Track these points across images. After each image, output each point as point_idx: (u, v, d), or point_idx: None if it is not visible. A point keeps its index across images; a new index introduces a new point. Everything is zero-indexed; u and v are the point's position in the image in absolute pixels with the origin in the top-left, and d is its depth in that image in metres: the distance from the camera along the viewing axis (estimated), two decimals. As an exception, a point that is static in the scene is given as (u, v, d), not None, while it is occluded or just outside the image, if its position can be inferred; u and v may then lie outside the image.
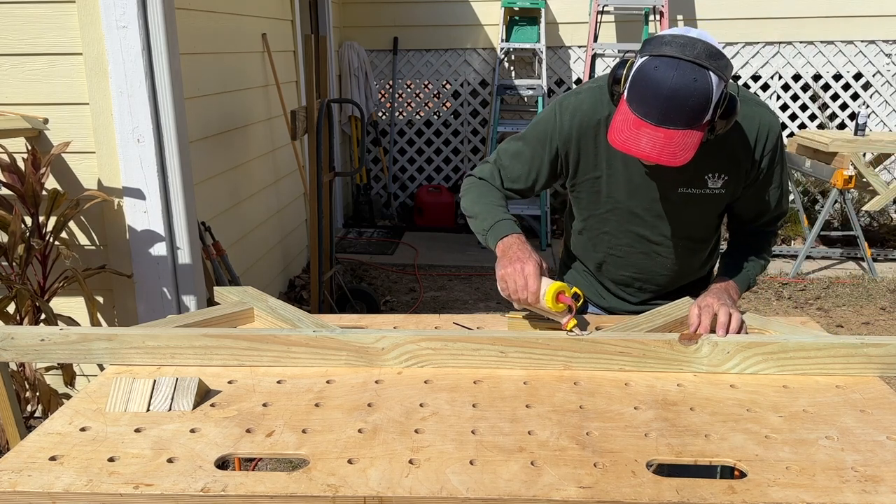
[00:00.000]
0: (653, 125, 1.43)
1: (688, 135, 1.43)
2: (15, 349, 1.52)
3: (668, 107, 1.41)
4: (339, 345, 1.53)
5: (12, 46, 2.74)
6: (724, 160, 1.66)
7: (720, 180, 1.67)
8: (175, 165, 2.81)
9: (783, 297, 4.92)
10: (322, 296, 4.12)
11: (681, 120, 1.42)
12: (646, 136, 1.43)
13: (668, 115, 1.42)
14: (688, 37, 1.44)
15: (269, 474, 1.15)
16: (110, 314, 2.98)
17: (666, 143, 1.42)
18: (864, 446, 1.23)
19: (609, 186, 1.73)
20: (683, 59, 1.41)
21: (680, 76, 1.40)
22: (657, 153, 1.43)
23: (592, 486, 1.12)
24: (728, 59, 1.46)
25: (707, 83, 1.41)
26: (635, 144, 1.44)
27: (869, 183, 5.12)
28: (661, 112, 1.42)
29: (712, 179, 1.67)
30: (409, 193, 6.96)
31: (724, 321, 1.54)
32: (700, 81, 1.40)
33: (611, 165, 1.71)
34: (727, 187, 1.69)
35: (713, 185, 1.68)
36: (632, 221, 1.77)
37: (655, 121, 1.42)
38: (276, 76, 4.44)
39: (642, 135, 1.43)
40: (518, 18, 6.24)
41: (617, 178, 1.72)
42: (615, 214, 1.77)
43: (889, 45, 6.22)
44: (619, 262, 1.85)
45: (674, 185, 1.69)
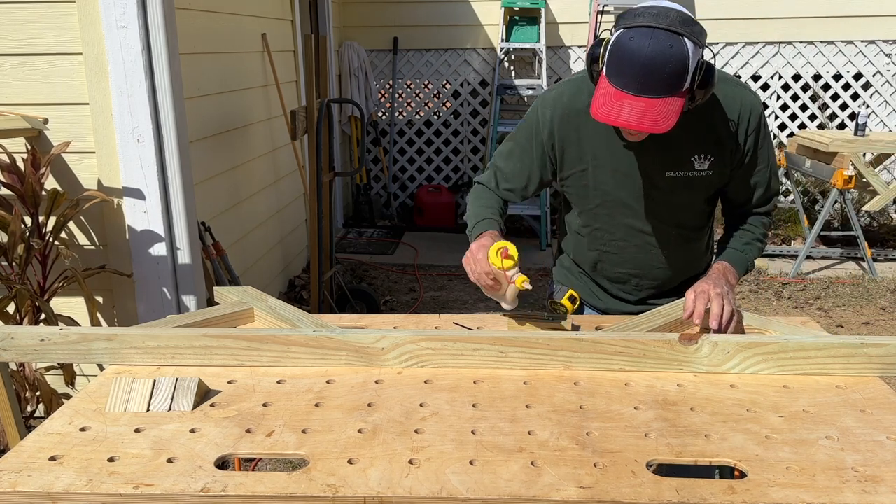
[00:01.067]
0: (633, 95, 1.44)
1: (668, 102, 1.44)
2: (15, 349, 1.52)
3: (646, 75, 1.42)
4: (339, 345, 1.53)
5: (12, 46, 2.74)
6: (708, 141, 1.66)
7: (707, 161, 1.68)
8: (175, 165, 2.81)
9: (783, 297, 4.92)
10: (322, 296, 4.12)
11: (660, 87, 1.43)
12: (627, 107, 1.44)
13: (647, 84, 1.43)
14: (660, 6, 1.46)
15: (269, 474, 1.15)
16: (110, 314, 2.98)
17: (648, 112, 1.43)
18: (864, 446, 1.23)
19: (596, 177, 1.73)
20: (658, 28, 1.42)
21: (655, 44, 1.41)
22: (640, 121, 1.44)
23: (592, 486, 1.12)
24: (702, 25, 1.47)
25: (683, 49, 1.42)
26: (618, 115, 1.45)
27: (869, 183, 5.12)
28: (640, 81, 1.43)
29: (699, 161, 1.68)
30: (409, 193, 6.96)
31: (717, 312, 1.54)
32: (675, 48, 1.42)
33: (596, 156, 1.71)
34: (714, 169, 1.69)
35: (700, 167, 1.68)
36: (623, 213, 1.76)
37: (635, 91, 1.44)
38: (276, 76, 4.44)
39: (624, 105, 1.44)
40: (518, 18, 6.24)
41: (603, 168, 1.72)
42: (605, 207, 1.77)
43: (889, 45, 6.22)
44: (615, 259, 1.84)
45: (661, 170, 1.69)
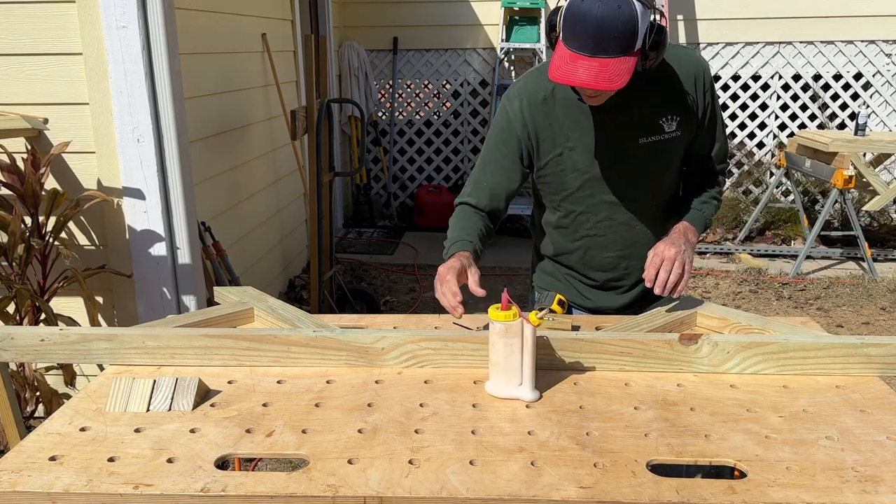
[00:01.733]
0: (587, 56, 1.50)
1: (621, 62, 1.50)
2: (15, 349, 1.52)
3: (597, 35, 1.48)
4: (339, 345, 1.53)
5: (12, 46, 2.74)
6: (672, 102, 1.73)
7: (674, 122, 1.74)
8: (175, 165, 2.81)
9: (783, 297, 4.92)
10: (322, 296, 4.12)
11: (611, 47, 1.49)
12: (582, 67, 1.50)
13: (599, 44, 1.49)
14: None
15: (268, 474, 1.15)
16: (110, 314, 2.98)
17: (601, 71, 1.49)
18: (864, 446, 1.23)
19: (572, 158, 1.76)
20: None
21: (604, 6, 1.47)
22: (594, 80, 1.49)
23: (592, 486, 1.12)
24: None
25: (631, 10, 1.49)
26: (573, 75, 1.51)
27: (869, 183, 5.12)
28: (592, 42, 1.49)
29: (667, 123, 1.73)
30: (409, 193, 6.96)
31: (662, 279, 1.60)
32: (623, 8, 1.48)
33: (569, 137, 1.75)
34: (681, 129, 1.75)
35: (669, 129, 1.74)
36: (603, 189, 1.79)
37: (589, 52, 1.49)
38: (276, 76, 4.44)
39: (578, 66, 1.50)
40: (518, 18, 6.24)
41: (577, 148, 1.75)
42: (585, 189, 1.79)
43: (889, 45, 6.22)
44: (601, 243, 1.85)
45: (634, 138, 1.74)
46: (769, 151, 6.56)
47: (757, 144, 6.57)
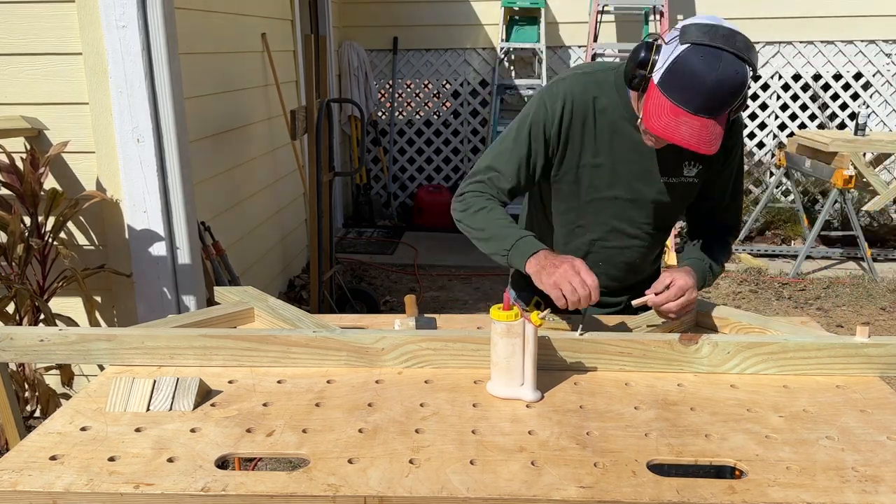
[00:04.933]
0: (691, 114, 1.45)
1: (719, 123, 1.47)
2: (14, 350, 1.52)
3: (711, 97, 1.44)
4: (339, 345, 1.53)
5: (12, 46, 2.74)
6: None
7: (695, 168, 1.71)
8: (175, 165, 2.81)
9: (783, 297, 4.92)
10: (322, 296, 4.12)
11: (718, 110, 1.46)
12: (685, 125, 1.46)
13: (709, 106, 1.45)
14: (727, 28, 1.48)
15: (269, 474, 1.15)
16: (110, 314, 2.98)
17: (702, 132, 1.45)
18: (864, 446, 1.23)
19: (593, 175, 1.72)
20: (727, 51, 1.44)
21: (724, 68, 1.43)
22: (696, 141, 1.46)
23: (593, 485, 1.12)
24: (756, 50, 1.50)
25: (745, 76, 1.46)
26: (676, 132, 1.46)
27: (869, 183, 5.12)
28: (703, 102, 1.45)
29: (688, 168, 1.70)
30: (408, 193, 6.96)
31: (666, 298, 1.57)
32: (741, 74, 1.45)
33: (597, 154, 1.70)
34: (700, 177, 1.72)
35: (688, 173, 1.71)
36: (610, 212, 1.75)
37: (694, 109, 1.45)
38: (276, 76, 4.44)
39: (681, 123, 1.46)
40: (518, 18, 6.24)
41: (602, 168, 1.71)
42: (594, 205, 1.75)
43: (889, 45, 6.22)
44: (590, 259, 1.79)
45: (656, 174, 1.70)
46: (769, 151, 6.56)
47: (757, 144, 6.58)
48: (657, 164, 1.68)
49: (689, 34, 1.48)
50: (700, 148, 1.46)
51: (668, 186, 1.71)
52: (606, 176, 1.71)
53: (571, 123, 1.68)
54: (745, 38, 1.47)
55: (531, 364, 1.38)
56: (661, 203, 1.74)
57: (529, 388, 1.39)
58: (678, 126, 1.46)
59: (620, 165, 1.70)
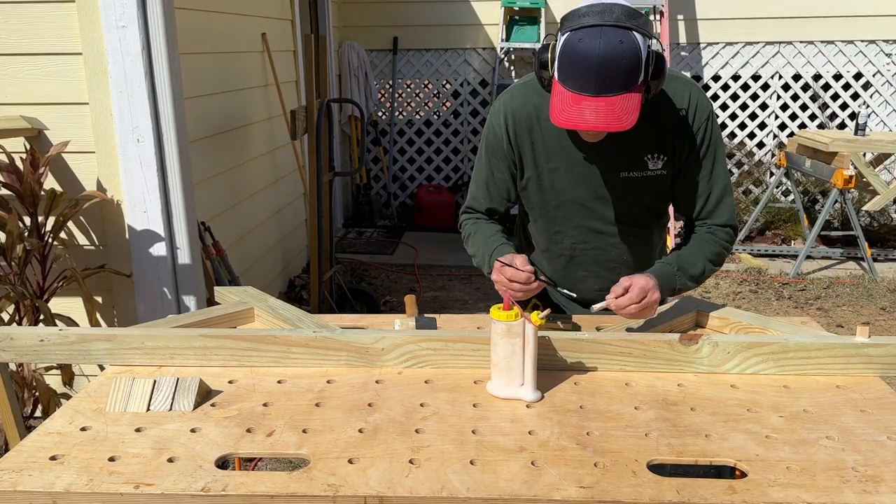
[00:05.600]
0: (592, 96, 1.43)
1: (627, 98, 1.44)
2: (14, 350, 1.52)
3: (601, 75, 1.42)
4: (339, 345, 1.53)
5: (12, 46, 2.74)
6: (661, 140, 1.65)
7: (660, 161, 1.67)
8: (175, 165, 2.81)
9: (783, 297, 4.92)
10: (322, 296, 4.12)
11: (617, 84, 1.43)
12: (587, 109, 1.43)
13: (604, 83, 1.42)
14: (603, 3, 1.45)
15: (269, 474, 1.15)
16: (110, 314, 2.98)
17: (609, 111, 1.42)
18: (864, 446, 1.23)
19: (553, 179, 1.72)
20: (606, 25, 1.42)
21: (606, 42, 1.41)
22: (603, 121, 1.43)
23: (593, 485, 1.12)
24: (647, 16, 1.46)
25: (634, 43, 1.42)
26: (580, 118, 1.44)
27: (869, 183, 5.12)
28: (596, 81, 1.42)
29: (652, 161, 1.67)
30: (408, 193, 6.96)
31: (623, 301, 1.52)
32: (626, 43, 1.41)
33: (550, 159, 1.70)
34: (667, 168, 1.68)
35: (654, 166, 1.68)
36: (580, 214, 1.75)
37: (593, 91, 1.43)
38: (276, 76, 4.44)
39: (584, 108, 1.43)
40: (518, 18, 6.24)
41: (558, 171, 1.71)
42: (563, 210, 1.76)
43: (889, 45, 6.22)
44: (576, 262, 1.82)
45: (615, 171, 1.68)
46: (769, 151, 6.56)
47: (757, 144, 6.57)
48: (616, 160, 1.67)
49: (567, 22, 1.48)
50: (610, 126, 1.43)
51: (631, 182, 1.69)
52: (565, 179, 1.71)
53: (517, 134, 1.70)
54: (625, 7, 1.44)
55: (531, 364, 1.38)
56: (628, 200, 1.72)
57: (529, 388, 1.39)
58: (582, 112, 1.43)
59: (577, 167, 1.69)
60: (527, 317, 1.37)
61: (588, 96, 1.43)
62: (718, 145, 1.70)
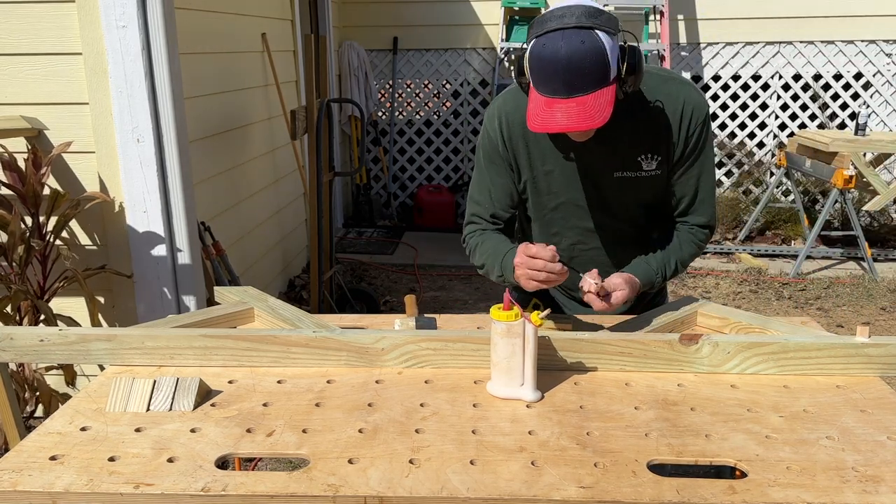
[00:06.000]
0: (562, 99, 1.46)
1: (598, 96, 1.46)
2: (14, 350, 1.52)
3: (568, 77, 1.44)
4: (339, 345, 1.53)
5: (12, 46, 2.74)
6: (655, 141, 1.67)
7: (654, 161, 1.68)
8: (175, 165, 2.81)
9: (783, 297, 4.92)
10: (322, 296, 4.12)
11: (584, 84, 1.44)
12: (559, 111, 1.46)
13: (572, 84, 1.44)
14: (564, 7, 1.48)
15: (269, 474, 1.15)
16: (110, 314, 2.98)
17: (580, 111, 1.45)
18: (864, 446, 1.23)
19: (548, 182, 1.74)
20: (566, 28, 1.44)
21: (568, 44, 1.43)
22: (574, 121, 1.45)
23: (593, 485, 1.11)
24: (609, 13, 1.49)
25: (596, 42, 1.44)
26: (552, 121, 1.47)
27: (869, 183, 5.12)
28: (564, 84, 1.45)
29: (646, 161, 1.68)
30: (408, 193, 6.96)
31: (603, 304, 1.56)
32: (588, 42, 1.43)
33: (545, 161, 1.72)
34: (662, 168, 1.70)
35: (648, 166, 1.69)
36: (577, 215, 1.77)
37: (563, 94, 1.45)
38: (276, 76, 4.44)
39: (556, 111, 1.46)
40: (518, 18, 6.24)
41: (553, 173, 1.73)
42: (560, 211, 1.77)
43: (889, 45, 6.22)
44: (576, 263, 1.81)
45: (609, 172, 1.70)
46: (769, 151, 6.56)
47: (757, 144, 6.57)
48: (610, 161, 1.68)
49: (533, 29, 1.51)
50: (581, 125, 1.45)
51: (626, 182, 1.70)
52: (560, 181, 1.73)
53: (512, 137, 1.72)
54: (586, 7, 1.46)
55: (531, 364, 1.38)
56: (623, 200, 1.74)
57: (529, 388, 1.39)
58: (553, 115, 1.46)
59: (570, 169, 1.71)
60: (527, 317, 1.37)
61: (559, 99, 1.46)
62: (710, 146, 1.72)
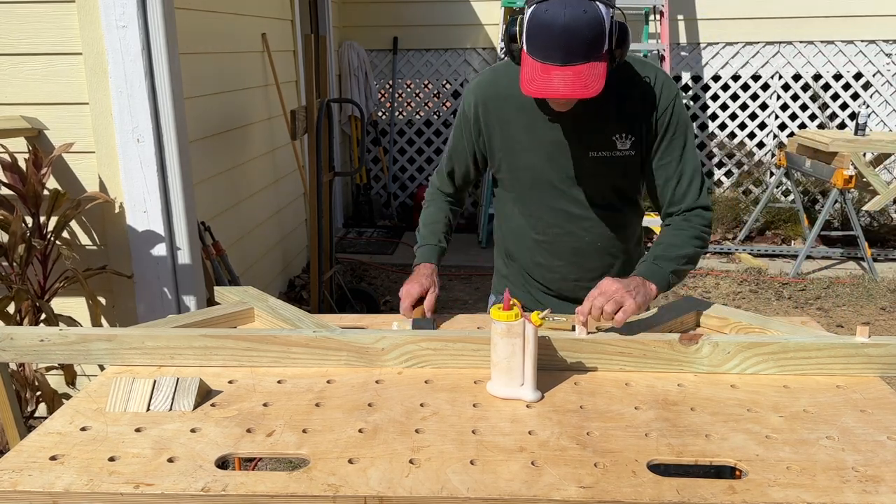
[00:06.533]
0: (559, 66, 1.48)
1: (593, 67, 1.49)
2: (14, 350, 1.52)
3: (567, 44, 1.46)
4: (339, 345, 1.53)
5: (12, 46, 2.74)
6: (628, 120, 1.69)
7: (628, 141, 1.71)
8: (175, 165, 2.81)
9: (783, 297, 4.92)
10: (322, 296, 4.12)
11: (581, 53, 1.47)
12: (556, 78, 1.48)
13: (569, 52, 1.46)
14: None
15: (269, 474, 1.15)
16: (110, 314, 2.98)
17: (576, 79, 1.47)
18: (864, 446, 1.23)
19: (523, 159, 1.77)
20: None
21: (570, 12, 1.44)
22: (570, 89, 1.48)
23: (593, 485, 1.12)
24: None
25: (597, 12, 1.46)
26: (548, 87, 1.49)
27: (869, 183, 5.12)
28: (562, 50, 1.46)
29: (620, 141, 1.71)
30: (409, 193, 6.96)
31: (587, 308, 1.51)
32: (590, 12, 1.45)
33: (521, 139, 1.75)
34: (636, 148, 1.72)
35: (622, 146, 1.71)
36: (553, 195, 1.78)
37: (560, 61, 1.47)
38: (276, 76, 4.44)
39: (552, 77, 1.49)
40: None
41: (529, 151, 1.75)
42: (535, 190, 1.79)
43: (889, 44, 6.22)
44: (551, 249, 1.83)
45: (584, 151, 1.72)
46: (769, 151, 6.56)
47: (757, 144, 6.57)
48: (584, 140, 1.71)
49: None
50: (577, 93, 1.48)
51: (600, 161, 1.72)
52: (534, 159, 1.76)
53: (486, 112, 1.77)
54: None
55: (531, 364, 1.38)
56: (597, 181, 1.75)
57: (529, 388, 1.39)
58: (550, 81, 1.49)
59: (545, 147, 1.73)
60: (527, 317, 1.37)
61: (555, 65, 1.48)
62: (687, 128, 1.72)
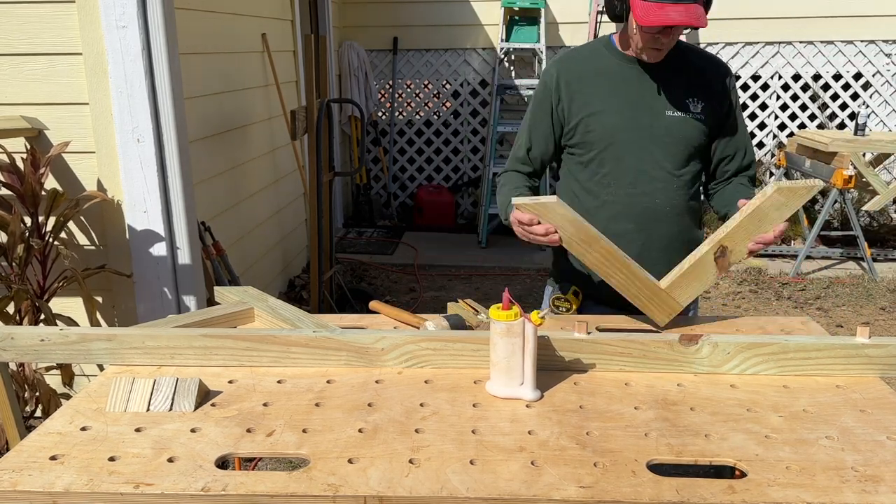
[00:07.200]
0: (672, 3, 1.72)
1: (697, 7, 1.74)
2: (14, 349, 1.52)
3: None
4: (339, 345, 1.53)
5: (12, 46, 2.74)
6: (699, 88, 1.92)
7: (699, 105, 1.91)
8: (175, 165, 2.81)
9: (783, 297, 4.92)
10: (322, 296, 4.12)
11: None
12: (673, 10, 1.72)
13: None
14: None
15: (269, 474, 1.15)
16: (110, 314, 2.98)
17: (687, 12, 1.72)
18: (864, 446, 1.23)
19: (602, 121, 1.91)
20: None
21: None
22: (686, 17, 1.71)
23: (592, 485, 1.12)
24: None
25: None
26: (667, 18, 1.71)
27: (869, 183, 5.12)
28: None
29: (693, 104, 1.91)
30: (408, 193, 6.96)
31: None
32: None
33: (602, 100, 1.91)
34: (705, 114, 1.92)
35: (694, 109, 1.91)
36: (628, 153, 1.91)
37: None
38: (276, 76, 4.44)
39: (669, 10, 1.72)
40: (518, 18, 6.24)
41: (608, 112, 1.91)
42: (612, 150, 1.91)
43: (889, 45, 6.22)
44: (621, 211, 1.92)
45: (661, 110, 1.90)
46: (769, 151, 6.56)
47: (757, 144, 6.57)
48: (660, 101, 1.89)
49: None
50: (692, 21, 1.71)
51: (676, 122, 1.90)
52: (616, 118, 1.91)
53: (569, 83, 1.94)
54: None
55: (531, 364, 1.38)
56: (673, 139, 1.90)
57: (529, 387, 1.39)
58: (667, 13, 1.71)
59: (623, 107, 1.90)
60: (527, 317, 1.37)
61: (669, 3, 1.72)
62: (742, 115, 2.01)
